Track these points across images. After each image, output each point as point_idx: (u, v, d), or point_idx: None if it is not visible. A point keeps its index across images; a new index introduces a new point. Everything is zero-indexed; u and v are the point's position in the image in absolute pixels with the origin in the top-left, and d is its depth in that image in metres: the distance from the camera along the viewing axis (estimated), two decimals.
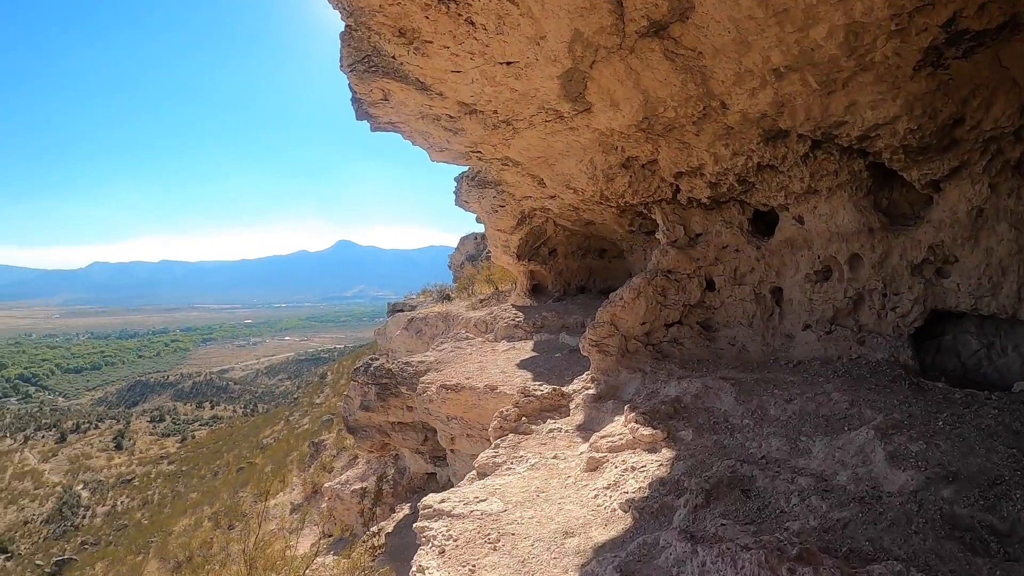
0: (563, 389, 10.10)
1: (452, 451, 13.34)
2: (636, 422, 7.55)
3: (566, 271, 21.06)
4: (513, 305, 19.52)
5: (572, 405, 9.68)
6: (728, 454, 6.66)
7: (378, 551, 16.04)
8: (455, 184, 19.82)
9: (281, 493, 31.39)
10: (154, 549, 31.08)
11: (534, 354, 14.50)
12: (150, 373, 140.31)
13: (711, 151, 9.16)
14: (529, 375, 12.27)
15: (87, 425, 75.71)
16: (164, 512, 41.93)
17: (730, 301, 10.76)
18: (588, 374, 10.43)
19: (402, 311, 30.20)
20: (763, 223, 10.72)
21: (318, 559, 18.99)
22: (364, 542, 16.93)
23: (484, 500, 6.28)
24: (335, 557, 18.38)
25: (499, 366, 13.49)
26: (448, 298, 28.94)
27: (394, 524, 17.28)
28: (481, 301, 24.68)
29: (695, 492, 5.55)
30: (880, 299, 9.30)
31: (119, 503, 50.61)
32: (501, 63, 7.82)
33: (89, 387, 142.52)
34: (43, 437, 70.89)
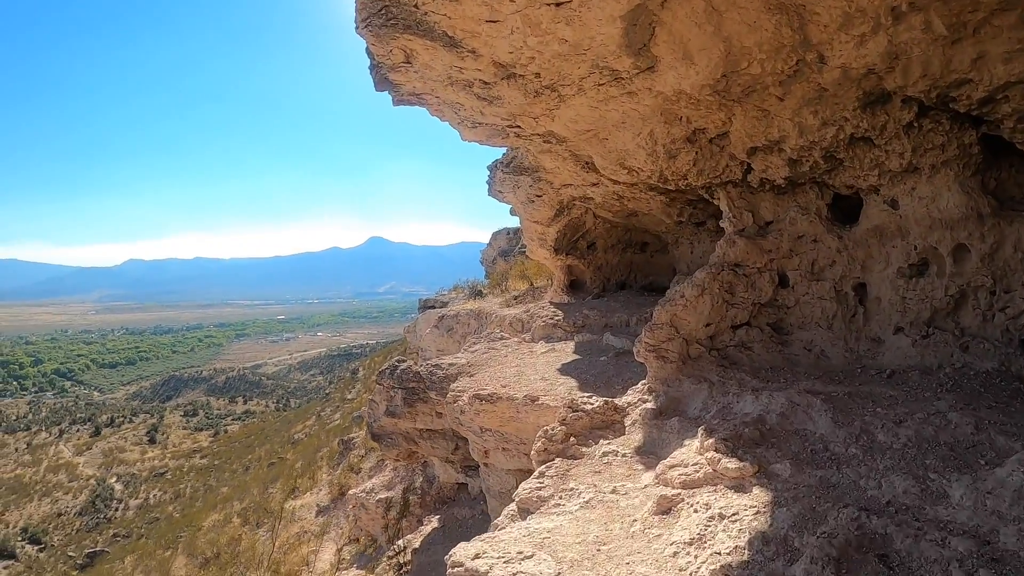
0: (616, 402, 8.67)
1: (486, 464, 11.94)
2: (715, 450, 6.09)
3: (606, 266, 19.64)
4: (550, 302, 18.10)
5: (628, 421, 8.25)
6: (842, 497, 5.20)
7: (404, 569, 14.74)
8: (488, 173, 18.40)
9: (309, 492, 30.50)
10: (183, 544, 30.83)
11: (576, 357, 13.06)
12: (184, 368, 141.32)
13: (796, 120, 7.65)
14: (574, 382, 10.84)
15: (121, 419, 77.36)
16: (195, 506, 41.93)
17: (806, 299, 9.28)
18: (644, 384, 9.01)
19: (433, 307, 29.33)
20: (841, 209, 9.26)
21: (341, 573, 17.78)
22: (389, 558, 15.64)
23: (530, 557, 4.84)
24: (358, 571, 17.19)
25: (538, 371, 12.07)
26: (480, 294, 27.83)
27: (421, 539, 15.97)
28: (515, 298, 23.34)
29: (817, 560, 4.11)
30: (988, 298, 7.88)
31: (151, 496, 51.62)
32: (548, 3, 6.34)
33: (124, 382, 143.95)
34: (78, 431, 72.79)
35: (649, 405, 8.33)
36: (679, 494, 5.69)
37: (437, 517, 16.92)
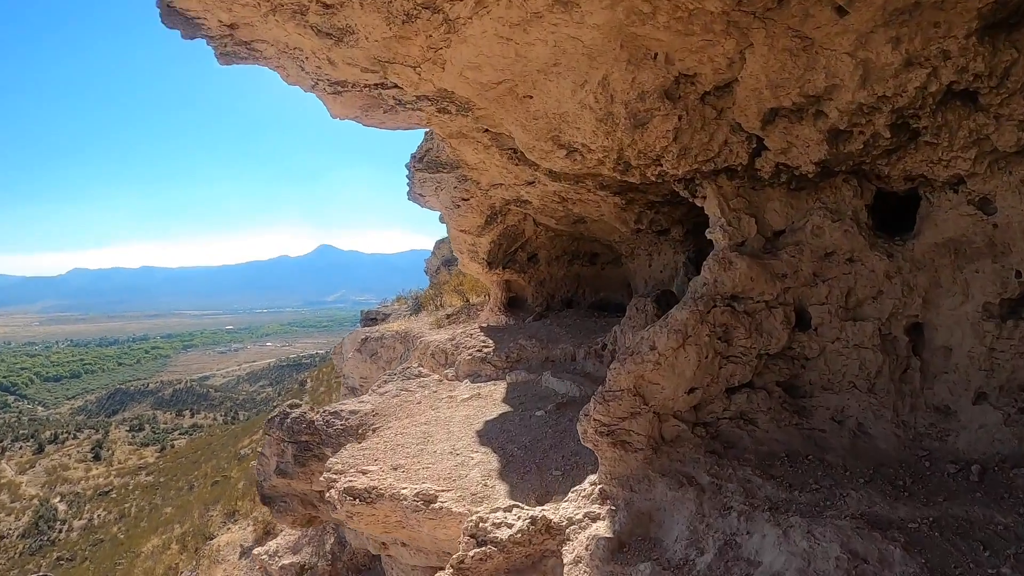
0: (550, 517, 5.43)
1: (387, 555, 8.58)
2: None
3: (549, 281, 16.46)
4: (481, 327, 14.82)
5: (568, 556, 4.99)
6: None
7: None
8: (407, 172, 15.02)
9: (239, 525, 27.73)
10: (120, 573, 29.92)
11: (506, 409, 9.82)
12: (130, 381, 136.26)
13: (860, 56, 4.33)
14: (494, 461, 7.56)
15: (65, 435, 73.62)
16: (140, 526, 39.97)
17: (836, 348, 6.11)
18: (595, 485, 5.76)
19: (375, 320, 26.31)
20: (877, 213, 6.14)
21: None
22: None
23: None
24: None
25: (452, 433, 8.83)
26: (442, 306, 24.65)
27: None
28: (448, 316, 20.04)
29: None
30: None
31: (96, 516, 48.96)
32: None
33: (69, 396, 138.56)
34: (20, 448, 69.34)
35: (602, 529, 5.11)
36: None
37: None
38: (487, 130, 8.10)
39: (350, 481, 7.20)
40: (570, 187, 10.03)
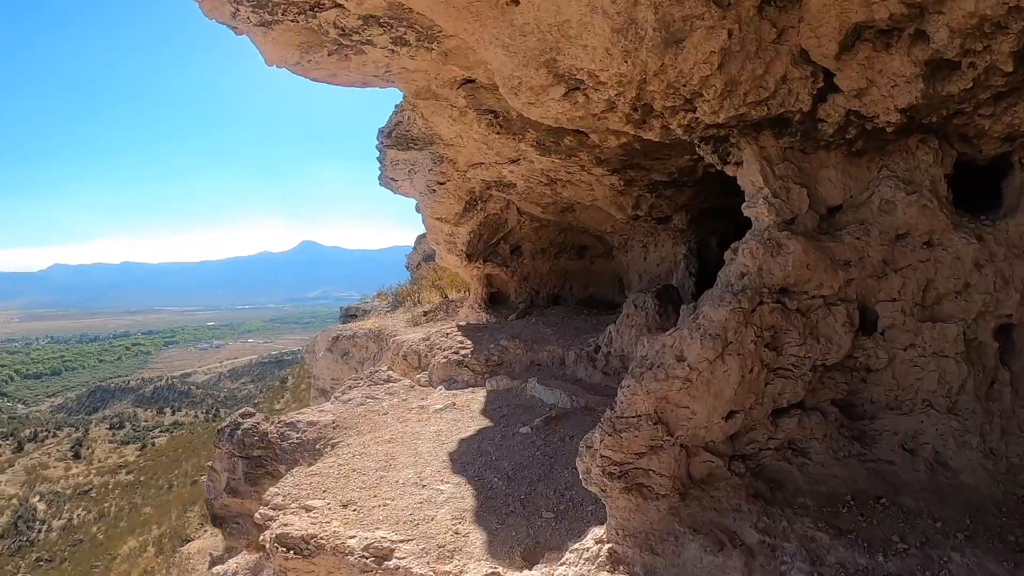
0: None
1: None
2: None
3: (534, 275, 15.01)
4: (459, 326, 13.31)
5: None
6: None
7: None
8: (378, 152, 13.44)
9: (211, 531, 26.96)
10: None
11: (485, 423, 8.32)
12: (111, 378, 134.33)
13: None
14: (469, 496, 6.03)
15: (45, 434, 72.57)
16: (120, 526, 39.48)
17: (908, 357, 4.71)
18: (602, 544, 4.28)
19: (355, 316, 24.97)
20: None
21: None
22: None
23: None
24: None
25: (421, 455, 7.30)
26: (420, 303, 23.22)
27: None
28: (425, 314, 18.57)
29: None
30: None
31: (75, 516, 47.96)
32: None
33: (49, 393, 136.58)
34: None
35: None
36: None
37: None
38: (463, 83, 6.56)
39: (285, 525, 5.65)
40: (561, 164, 8.58)
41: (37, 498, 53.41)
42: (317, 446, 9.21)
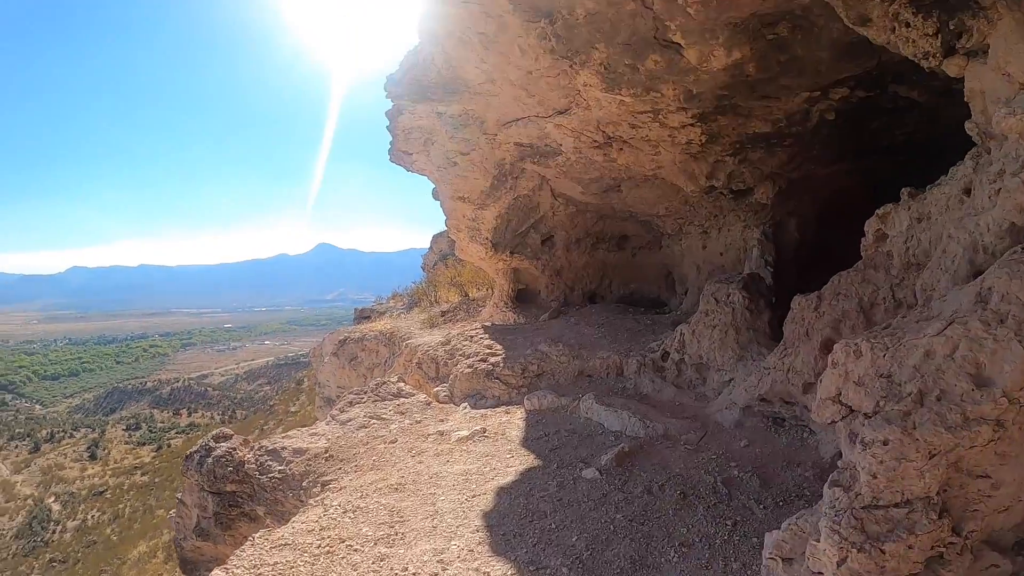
0: None
1: None
2: None
3: (568, 269, 12.79)
4: (485, 328, 10.99)
5: None
6: None
7: None
8: (388, 122, 11.08)
9: None
10: None
11: (529, 461, 5.96)
12: (128, 379, 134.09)
13: None
14: None
15: (62, 434, 73.81)
16: (133, 528, 39.94)
17: None
18: None
19: (368, 318, 22.76)
20: None
21: None
22: None
23: None
24: None
25: (440, 511, 4.96)
26: (437, 302, 21.08)
27: None
28: (443, 314, 16.30)
29: None
30: None
31: (90, 517, 47.84)
32: None
33: (67, 394, 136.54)
34: (16, 447, 69.55)
35: None
36: None
37: None
38: None
39: None
40: (629, 109, 6.29)
41: (52, 499, 53.21)
42: (304, 483, 7.04)
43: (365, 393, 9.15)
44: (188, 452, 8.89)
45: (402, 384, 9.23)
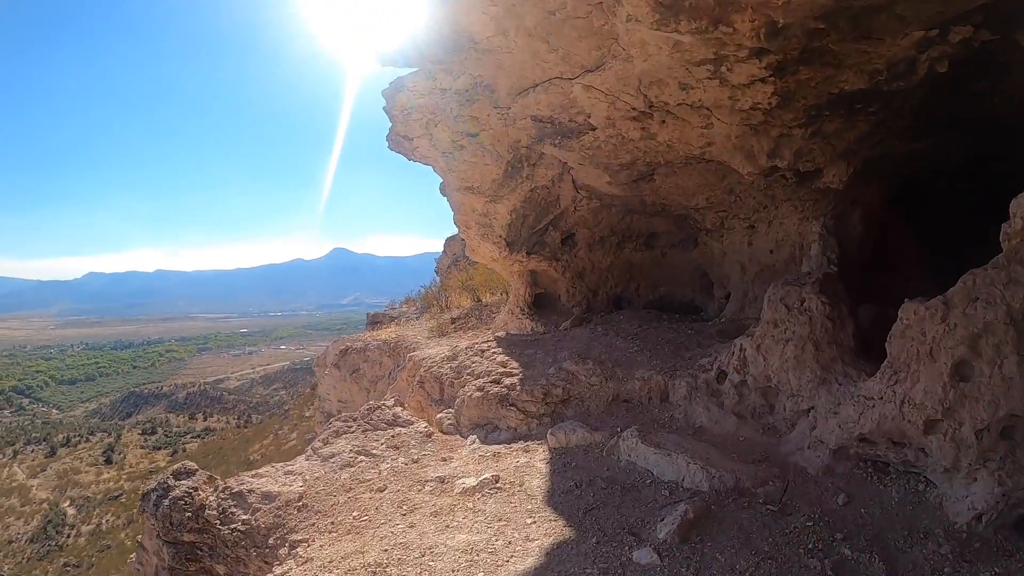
0: None
1: None
2: None
3: (591, 271, 11.27)
4: (497, 338, 9.48)
5: None
6: None
7: None
8: (384, 102, 9.52)
9: None
10: None
11: (558, 532, 4.37)
12: (144, 384, 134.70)
13: None
14: None
15: (78, 438, 73.16)
16: None
17: None
18: None
19: (380, 323, 21.38)
20: None
21: None
22: None
23: None
24: None
25: None
26: (447, 308, 19.71)
27: None
28: (453, 321, 14.75)
29: None
30: None
31: (104, 521, 47.82)
32: None
33: (83, 399, 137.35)
34: (32, 451, 68.97)
35: None
36: None
37: None
38: None
39: None
40: (684, 62, 4.73)
41: (68, 503, 53.22)
42: (271, 540, 5.71)
43: (355, 420, 7.63)
44: (145, 491, 7.42)
45: (399, 409, 7.69)
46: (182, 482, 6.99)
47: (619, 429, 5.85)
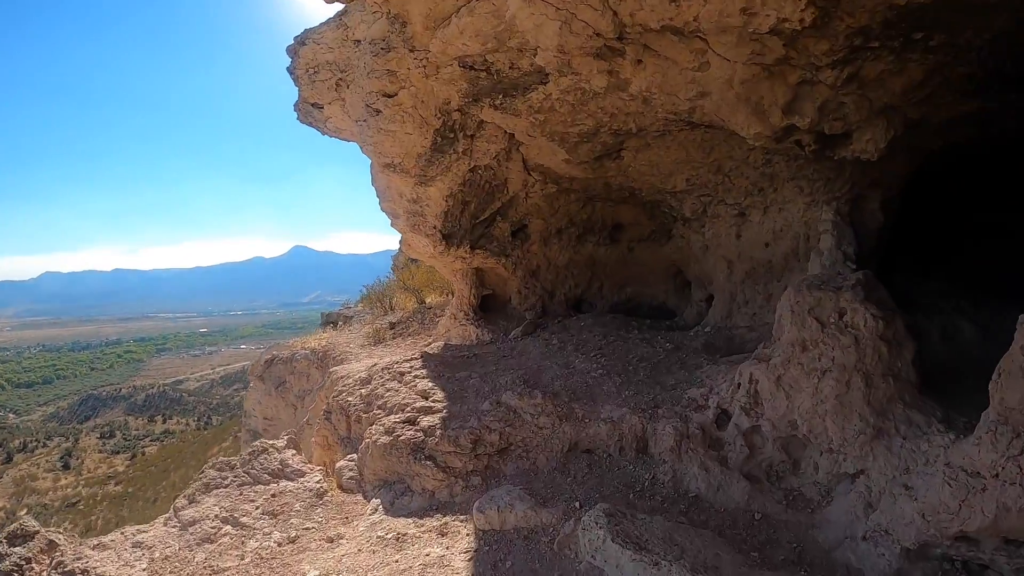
0: None
1: None
2: None
3: (546, 268, 9.47)
4: (425, 356, 7.53)
5: None
6: None
7: None
8: (289, 60, 7.61)
9: None
10: None
11: None
12: (103, 386, 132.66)
13: None
14: None
15: (35, 444, 72.31)
16: None
17: None
18: None
19: (335, 323, 19.55)
20: None
21: None
22: None
23: None
24: None
25: None
26: (392, 310, 17.75)
27: None
28: (393, 325, 12.77)
29: None
30: None
31: (62, 530, 44.90)
32: None
33: (41, 402, 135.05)
34: None
35: None
36: None
37: None
38: None
39: None
40: None
41: (24, 511, 47.79)
42: None
43: (232, 469, 5.67)
44: None
45: (290, 454, 5.74)
46: (15, 550, 5.10)
47: (577, 503, 3.98)
